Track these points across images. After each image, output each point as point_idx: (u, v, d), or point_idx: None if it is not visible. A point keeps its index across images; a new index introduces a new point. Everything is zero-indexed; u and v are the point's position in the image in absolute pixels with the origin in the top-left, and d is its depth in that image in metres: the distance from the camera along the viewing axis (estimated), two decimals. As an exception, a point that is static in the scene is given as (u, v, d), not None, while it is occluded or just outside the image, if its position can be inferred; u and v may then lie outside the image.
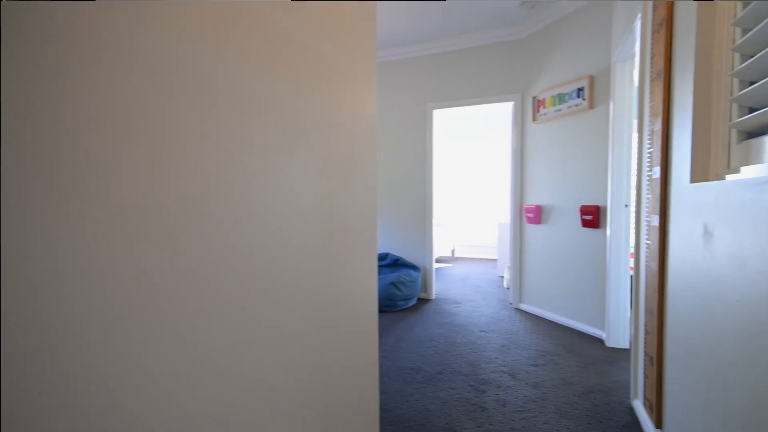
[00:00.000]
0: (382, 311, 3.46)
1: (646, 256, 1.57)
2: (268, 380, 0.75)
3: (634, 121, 2.61)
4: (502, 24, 3.37)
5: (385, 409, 1.83)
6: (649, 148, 1.55)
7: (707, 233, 1.05)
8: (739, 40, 1.03)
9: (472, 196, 6.77)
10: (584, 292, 2.85)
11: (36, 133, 0.39)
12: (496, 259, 6.28)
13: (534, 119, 3.31)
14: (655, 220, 1.46)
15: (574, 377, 2.14)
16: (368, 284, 1.24)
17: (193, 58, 0.58)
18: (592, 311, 2.78)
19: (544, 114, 3.19)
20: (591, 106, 2.78)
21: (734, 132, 1.08)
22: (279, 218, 0.79)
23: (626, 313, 2.53)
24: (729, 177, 1.10)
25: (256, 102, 0.73)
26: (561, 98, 3.03)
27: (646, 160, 1.63)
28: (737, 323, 0.89)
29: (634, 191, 3.89)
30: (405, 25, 3.39)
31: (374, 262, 1.28)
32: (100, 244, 0.45)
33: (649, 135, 1.56)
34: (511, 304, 3.59)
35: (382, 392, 2.01)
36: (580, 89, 2.85)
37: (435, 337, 2.79)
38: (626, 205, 2.51)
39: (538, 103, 3.26)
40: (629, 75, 2.49)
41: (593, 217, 2.72)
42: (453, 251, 6.72)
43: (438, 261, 6.38)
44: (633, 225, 3.32)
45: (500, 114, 6.30)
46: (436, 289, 4.29)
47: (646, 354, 1.57)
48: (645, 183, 1.65)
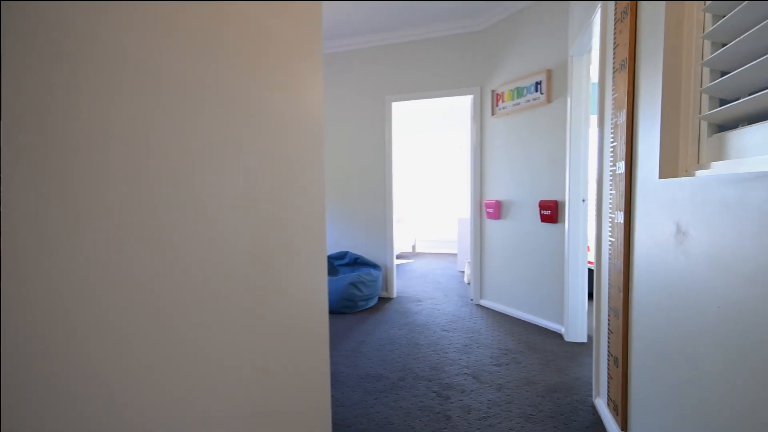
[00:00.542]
0: (342, 313, 3.30)
1: (610, 254, 1.53)
2: (205, 391, 0.62)
3: (593, 117, 2.62)
4: (461, 15, 3.29)
5: (343, 425, 1.69)
6: (612, 142, 1.50)
7: (680, 232, 0.99)
8: (711, 27, 0.97)
9: (433, 191, 6.75)
10: (543, 288, 2.85)
11: None
12: (456, 254, 6.31)
13: (493, 113, 3.27)
14: (620, 217, 1.41)
15: (536, 376, 2.10)
16: (316, 286, 1.09)
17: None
18: (551, 306, 2.79)
19: (503, 108, 3.15)
20: (549, 100, 2.76)
21: (704, 125, 1.02)
22: (185, 220, 0.62)
23: (584, 307, 2.54)
24: (699, 173, 1.05)
25: (159, 80, 0.56)
26: (519, 92, 2.99)
27: (608, 155, 1.58)
28: (718, 330, 0.82)
29: (592, 186, 3.95)
30: (361, 14, 3.22)
31: (323, 263, 1.13)
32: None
33: (612, 128, 1.51)
34: (472, 300, 3.55)
35: (341, 405, 1.86)
36: (538, 83, 2.83)
37: (397, 339, 2.68)
38: (584, 200, 2.52)
39: (497, 97, 3.22)
40: (586, 69, 2.48)
41: (552, 212, 2.71)
42: (414, 247, 6.67)
43: (399, 257, 6.30)
44: (593, 220, 3.39)
45: (460, 108, 6.29)
46: (398, 287, 4.19)
47: (610, 354, 1.53)
48: (607, 178, 1.60)
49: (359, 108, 3.77)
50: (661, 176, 1.11)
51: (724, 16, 0.95)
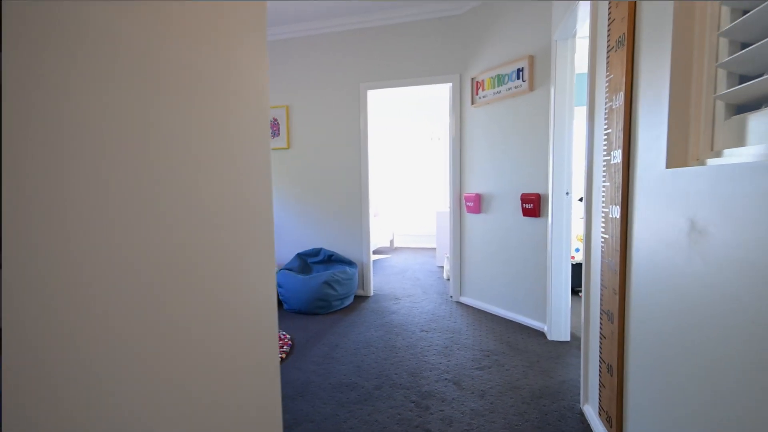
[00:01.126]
0: (316, 314, 3.11)
1: (603, 251, 1.40)
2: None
3: (577, 109, 2.50)
4: (439, -3, 3.11)
5: (311, 446, 1.51)
6: (606, 129, 1.37)
7: (696, 230, 0.85)
8: (731, -9, 0.83)
9: (411, 184, 6.59)
10: (525, 284, 2.74)
11: None
12: (435, 248, 6.20)
13: (473, 102, 3.12)
14: (615, 212, 1.28)
15: (520, 380, 1.98)
16: (263, 291, 0.90)
17: None
18: (533, 304, 2.68)
19: (483, 96, 3.01)
20: (531, 88, 2.63)
21: (720, 106, 0.88)
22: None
23: (568, 305, 2.45)
24: (710, 161, 0.91)
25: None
26: (500, 80, 2.85)
27: (601, 143, 1.45)
28: (744, 352, 0.69)
29: (576, 178, 3.82)
30: (333, -8, 2.99)
31: (271, 265, 0.94)
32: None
33: (606, 114, 1.37)
34: (451, 297, 3.43)
35: (311, 420, 1.68)
36: (519, 70, 2.69)
37: (373, 342, 2.51)
38: (567, 193, 2.40)
39: (476, 85, 3.07)
40: (571, 55, 2.36)
41: (534, 206, 2.59)
42: (392, 241, 6.52)
43: (377, 252, 6.14)
44: (579, 215, 3.31)
45: (439, 98, 6.14)
46: (375, 284, 4.03)
47: (602, 360, 1.41)
48: (599, 169, 1.47)
49: (332, 96, 3.55)
50: (670, 165, 0.97)
51: (749, -24, 0.81)
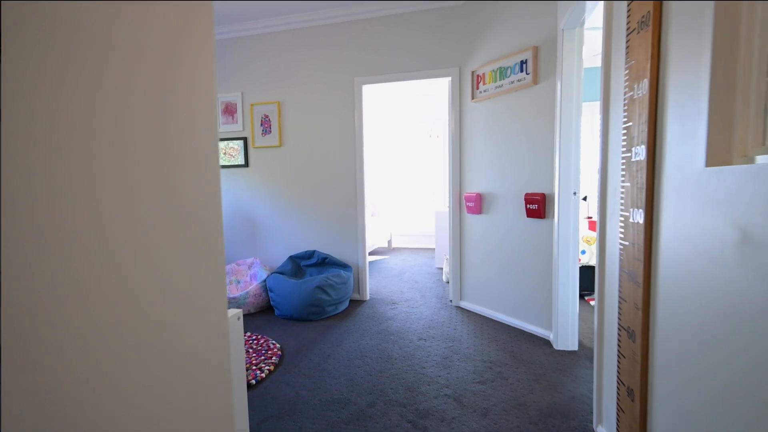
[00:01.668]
0: (309, 320, 2.96)
1: (621, 260, 1.24)
2: None
3: (585, 104, 2.35)
4: (437, -14, 2.95)
5: (296, 476, 1.36)
6: (626, 122, 1.21)
7: (750, 242, 0.69)
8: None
9: (410, 182, 6.44)
10: (530, 289, 2.59)
11: None
12: (434, 249, 6.05)
13: (473, 97, 2.96)
14: (637, 215, 1.12)
15: (526, 396, 1.83)
16: (212, 305, 0.75)
17: None
18: (538, 310, 2.53)
19: (484, 91, 2.85)
20: (535, 81, 2.47)
21: (777, 91, 0.73)
22: None
23: (575, 312, 2.29)
24: (760, 158, 0.76)
25: None
26: (502, 73, 2.69)
27: (618, 138, 1.29)
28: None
29: (585, 178, 3.65)
30: (325, -20, 2.83)
31: (222, 278, 0.79)
32: None
33: (625, 105, 1.22)
34: (451, 301, 3.28)
35: (297, 443, 1.53)
36: (523, 62, 2.53)
37: (368, 352, 2.36)
38: (575, 193, 2.25)
39: (477, 79, 2.91)
40: (578, 45, 2.20)
41: (539, 207, 2.44)
42: (390, 242, 6.36)
43: (374, 253, 5.98)
44: (581, 215, 3.16)
45: (438, 94, 5.99)
46: (371, 287, 3.88)
47: (621, 382, 1.26)
48: (615, 167, 1.32)
49: (326, 91, 3.39)
50: (710, 163, 0.82)
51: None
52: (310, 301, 2.92)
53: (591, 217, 4.35)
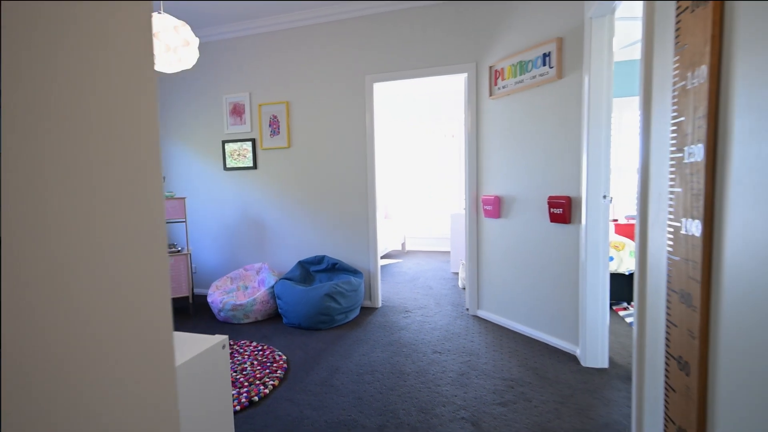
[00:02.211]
0: (317, 329, 2.83)
1: (670, 278, 1.07)
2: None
3: (615, 100, 2.15)
4: (453, -23, 2.78)
5: None
6: (676, 117, 1.03)
7: None
8: None
9: (425, 183, 6.27)
10: (553, 300, 2.41)
11: None
12: (449, 252, 5.87)
13: (491, 94, 2.79)
14: (693, 227, 0.95)
15: (552, 422, 1.66)
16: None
17: None
18: (563, 322, 2.34)
19: (503, 87, 2.67)
20: (560, 75, 2.28)
21: None
22: None
23: (605, 325, 2.10)
24: None
25: None
26: (523, 67, 2.52)
27: (665, 136, 1.12)
28: None
29: (617, 180, 3.45)
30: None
31: (166, 296, 0.65)
32: None
33: (675, 97, 1.04)
34: (467, 310, 3.10)
35: (299, 472, 1.40)
36: (546, 55, 2.35)
37: (378, 366, 2.22)
38: (605, 196, 2.06)
39: (495, 74, 2.74)
40: (609, 35, 2.01)
41: (564, 211, 2.25)
42: (403, 245, 6.20)
43: (387, 257, 5.84)
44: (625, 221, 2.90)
45: (455, 91, 5.80)
46: (383, 293, 3.73)
47: (671, 420, 1.08)
48: (661, 169, 1.14)
49: (335, 90, 3.26)
50: (804, 165, 0.64)
51: None
52: (319, 310, 2.79)
53: (617, 220, 4.11)
